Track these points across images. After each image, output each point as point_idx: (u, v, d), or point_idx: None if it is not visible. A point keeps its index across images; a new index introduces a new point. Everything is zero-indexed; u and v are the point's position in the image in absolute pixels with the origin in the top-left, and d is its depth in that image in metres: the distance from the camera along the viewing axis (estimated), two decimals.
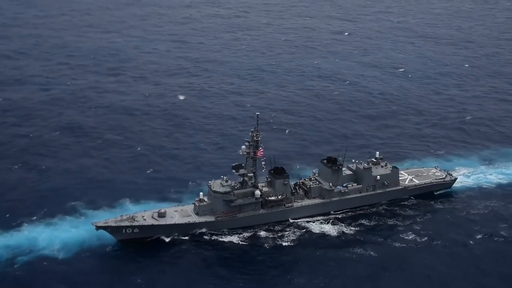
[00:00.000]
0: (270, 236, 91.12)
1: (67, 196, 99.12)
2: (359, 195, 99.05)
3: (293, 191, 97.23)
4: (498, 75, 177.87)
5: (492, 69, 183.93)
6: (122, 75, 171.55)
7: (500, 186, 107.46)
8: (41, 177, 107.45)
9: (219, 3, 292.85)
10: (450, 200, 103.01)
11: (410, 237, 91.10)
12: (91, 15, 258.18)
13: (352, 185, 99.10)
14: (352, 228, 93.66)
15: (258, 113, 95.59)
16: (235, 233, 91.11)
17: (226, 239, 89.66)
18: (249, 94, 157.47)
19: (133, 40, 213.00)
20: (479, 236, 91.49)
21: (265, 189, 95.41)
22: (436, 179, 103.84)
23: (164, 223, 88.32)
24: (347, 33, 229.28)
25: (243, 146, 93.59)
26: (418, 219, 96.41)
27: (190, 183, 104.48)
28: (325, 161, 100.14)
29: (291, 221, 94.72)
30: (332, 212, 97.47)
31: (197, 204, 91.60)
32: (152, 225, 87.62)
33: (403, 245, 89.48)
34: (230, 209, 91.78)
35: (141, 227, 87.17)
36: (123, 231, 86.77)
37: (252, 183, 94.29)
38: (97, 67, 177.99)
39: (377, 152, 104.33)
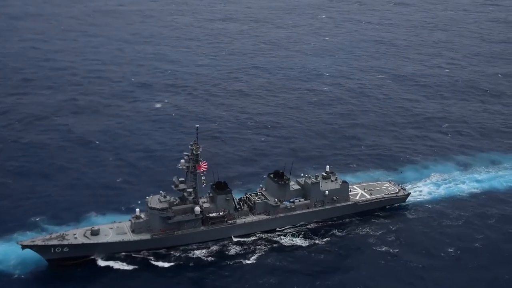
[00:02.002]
0: (207, 254, 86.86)
1: (29, 211, 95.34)
2: (307, 211, 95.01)
3: (237, 206, 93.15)
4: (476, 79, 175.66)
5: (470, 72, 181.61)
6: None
7: (472, 195, 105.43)
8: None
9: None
10: (423, 209, 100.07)
11: (383, 249, 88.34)
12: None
13: (300, 201, 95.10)
14: (323, 240, 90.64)
15: (197, 126, 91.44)
16: (179, 252, 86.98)
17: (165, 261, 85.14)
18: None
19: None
20: (451, 250, 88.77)
21: (206, 205, 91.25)
22: (388, 194, 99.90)
23: (96, 241, 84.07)
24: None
25: (182, 160, 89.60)
26: (391, 227, 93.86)
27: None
28: (272, 175, 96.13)
29: (234, 239, 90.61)
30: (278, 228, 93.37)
31: (133, 221, 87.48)
32: (83, 244, 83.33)
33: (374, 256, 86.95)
34: (167, 226, 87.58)
35: (71, 246, 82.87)
36: (52, 250, 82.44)
37: (192, 198, 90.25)
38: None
39: (328, 166, 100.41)
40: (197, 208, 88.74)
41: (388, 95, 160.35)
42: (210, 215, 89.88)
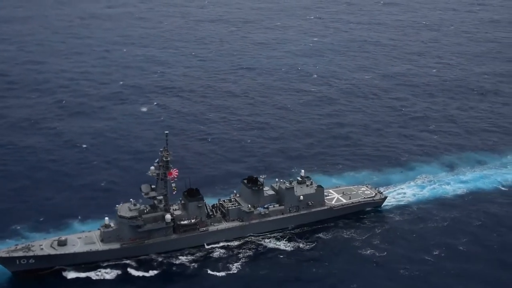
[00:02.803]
0: (185, 261, 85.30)
1: (13, 217, 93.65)
2: (281, 216, 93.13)
3: (210, 213, 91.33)
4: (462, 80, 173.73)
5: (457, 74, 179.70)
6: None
7: (458, 195, 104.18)
8: None
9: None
10: (408, 211, 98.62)
11: (368, 252, 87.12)
12: None
13: (274, 206, 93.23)
14: (308, 244, 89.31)
15: (167, 132, 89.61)
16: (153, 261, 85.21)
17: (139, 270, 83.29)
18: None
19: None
20: (436, 253, 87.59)
21: (177, 212, 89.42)
22: (364, 198, 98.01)
23: (63, 252, 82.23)
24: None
25: (152, 167, 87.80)
26: (377, 230, 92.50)
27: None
28: (245, 180, 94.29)
29: (207, 246, 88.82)
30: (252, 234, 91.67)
31: (102, 230, 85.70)
32: (49, 255, 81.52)
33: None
34: (137, 235, 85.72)
35: (36, 257, 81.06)
36: (17, 262, 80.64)
37: (163, 206, 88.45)
38: None
39: (302, 170, 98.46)
40: (168, 216, 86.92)
41: (376, 94, 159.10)
42: (182, 222, 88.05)
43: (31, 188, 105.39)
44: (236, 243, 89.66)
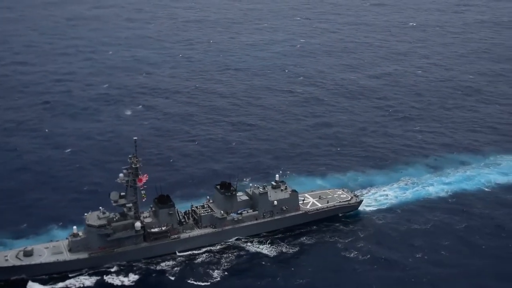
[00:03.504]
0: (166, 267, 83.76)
1: None
2: (255, 222, 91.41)
3: (182, 220, 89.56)
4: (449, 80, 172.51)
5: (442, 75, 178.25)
6: None
7: (441, 197, 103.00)
8: None
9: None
10: (392, 214, 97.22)
11: (352, 255, 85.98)
12: None
13: (247, 212, 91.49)
14: (291, 248, 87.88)
15: (135, 138, 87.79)
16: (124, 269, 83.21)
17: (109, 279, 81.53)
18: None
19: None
20: (419, 256, 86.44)
21: (148, 220, 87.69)
22: (340, 201, 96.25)
23: (28, 263, 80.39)
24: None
25: (121, 174, 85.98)
26: (360, 234, 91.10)
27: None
28: (218, 186, 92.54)
29: (178, 254, 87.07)
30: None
31: (70, 240, 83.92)
32: (14, 266, 79.69)
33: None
34: (107, 243, 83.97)
35: (0, 268, 79.27)
36: None
37: (133, 214, 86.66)
38: None
39: (277, 175, 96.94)
40: (138, 224, 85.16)
41: (363, 94, 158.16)
42: (152, 230, 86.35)
43: (14, 190, 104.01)
44: (218, 247, 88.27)
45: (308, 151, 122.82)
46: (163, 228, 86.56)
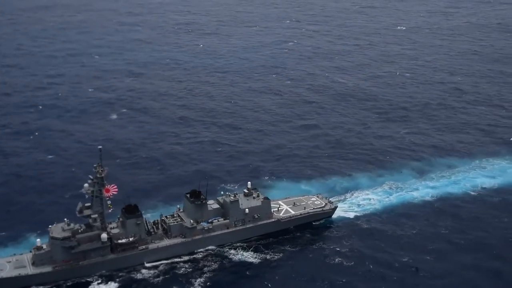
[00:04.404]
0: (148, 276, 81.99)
1: None
2: (226, 231, 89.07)
3: (150, 230, 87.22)
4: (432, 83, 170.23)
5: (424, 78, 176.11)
6: None
7: (426, 201, 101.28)
8: None
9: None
10: (376, 219, 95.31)
11: (336, 261, 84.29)
12: None
13: (218, 221, 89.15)
14: (275, 255, 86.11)
15: (100, 147, 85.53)
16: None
17: None
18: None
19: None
20: (405, 260, 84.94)
21: (115, 230, 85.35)
22: (314, 208, 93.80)
23: None
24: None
25: (86, 184, 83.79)
26: (344, 242, 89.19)
27: None
28: (188, 195, 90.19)
29: (147, 265, 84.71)
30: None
31: (34, 253, 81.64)
32: None
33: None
34: (71, 256, 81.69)
35: None
36: None
37: (99, 225, 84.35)
38: None
39: (249, 182, 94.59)
40: (104, 235, 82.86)
41: (354, 96, 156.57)
42: (119, 241, 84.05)
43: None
44: (200, 255, 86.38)
45: (296, 153, 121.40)
46: (130, 239, 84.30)
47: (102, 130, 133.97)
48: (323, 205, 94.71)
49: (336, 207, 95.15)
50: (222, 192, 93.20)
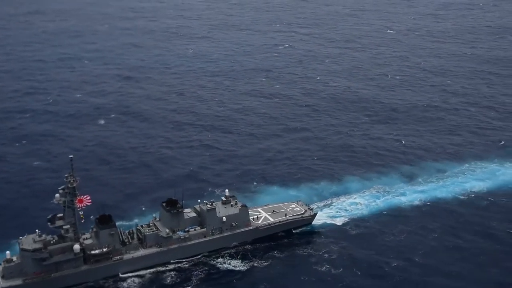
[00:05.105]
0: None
1: None
2: (204, 240, 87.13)
3: (125, 240, 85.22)
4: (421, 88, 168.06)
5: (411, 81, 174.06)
6: None
7: (415, 206, 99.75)
8: None
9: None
10: (365, 224, 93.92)
11: (325, 269, 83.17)
12: None
13: (195, 229, 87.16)
14: (263, 262, 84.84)
15: (71, 156, 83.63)
16: None
17: None
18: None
19: None
20: (394, 264, 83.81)
21: (88, 241, 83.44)
22: (293, 215, 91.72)
23: None
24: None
25: (57, 195, 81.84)
26: (333, 247, 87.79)
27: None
28: (164, 203, 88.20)
29: (122, 275, 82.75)
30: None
31: (3, 265, 79.65)
32: None
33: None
34: (43, 268, 79.78)
35: None
36: None
37: (72, 235, 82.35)
38: None
39: (227, 190, 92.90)
40: (76, 246, 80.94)
41: (346, 99, 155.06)
42: (93, 252, 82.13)
43: None
44: (186, 265, 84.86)
45: (286, 157, 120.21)
46: (104, 250, 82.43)
47: (92, 134, 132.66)
48: (302, 212, 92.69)
49: (315, 214, 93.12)
50: (199, 200, 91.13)
